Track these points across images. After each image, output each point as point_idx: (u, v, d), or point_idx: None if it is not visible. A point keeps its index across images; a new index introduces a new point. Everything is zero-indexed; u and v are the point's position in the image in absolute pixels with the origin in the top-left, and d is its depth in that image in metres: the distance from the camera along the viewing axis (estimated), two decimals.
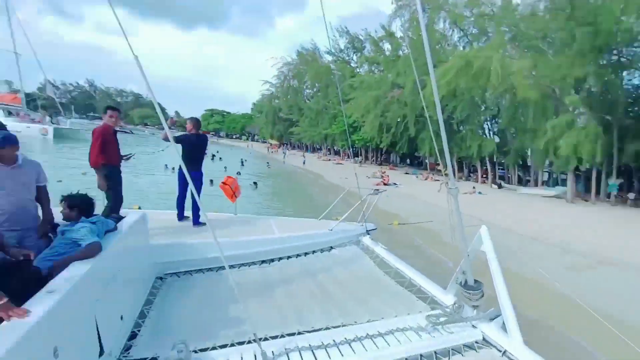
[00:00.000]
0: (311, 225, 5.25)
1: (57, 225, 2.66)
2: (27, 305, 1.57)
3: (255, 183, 19.34)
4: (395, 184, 22.53)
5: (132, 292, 2.85)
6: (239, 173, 21.16)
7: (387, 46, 36.31)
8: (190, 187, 2.38)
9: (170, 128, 2.63)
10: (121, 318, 2.44)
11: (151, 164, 22.01)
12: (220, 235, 3.95)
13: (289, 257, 4.26)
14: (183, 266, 3.65)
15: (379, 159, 40.41)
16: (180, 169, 4.32)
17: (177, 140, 4.47)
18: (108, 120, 4.09)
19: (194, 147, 4.72)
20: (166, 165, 21.05)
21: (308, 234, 4.71)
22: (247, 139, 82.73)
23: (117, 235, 2.64)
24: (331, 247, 4.69)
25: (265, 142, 67.07)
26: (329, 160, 42.70)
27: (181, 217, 4.80)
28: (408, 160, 40.62)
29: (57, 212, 2.74)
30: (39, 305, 1.59)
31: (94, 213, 2.67)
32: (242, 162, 31.02)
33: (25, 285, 1.74)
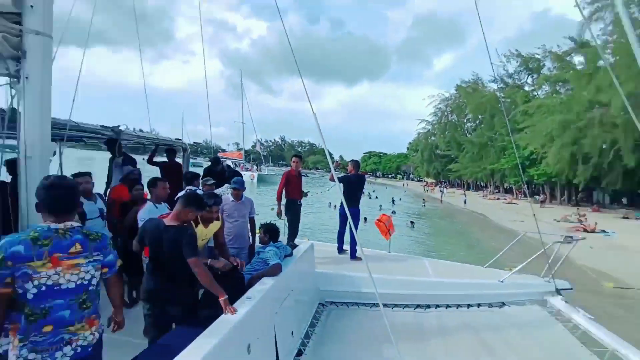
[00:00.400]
0: (473, 272, 4.55)
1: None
2: (235, 305, 2.11)
3: (412, 222, 18.77)
4: (605, 231, 16.39)
5: (301, 313, 3.27)
6: (393, 212, 21.21)
7: (578, 59, 28.95)
8: (350, 222, 2.62)
9: (335, 170, 3.07)
10: (292, 334, 2.83)
11: (319, 202, 25.44)
12: (374, 271, 4.03)
13: (447, 306, 3.80)
14: (341, 297, 3.91)
15: (573, 198, 30.88)
16: (341, 205, 4.82)
17: (340, 180, 5.00)
18: (293, 165, 5.14)
19: (353, 185, 5.19)
20: (329, 203, 23.82)
21: (472, 282, 4.09)
22: (402, 178, 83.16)
23: (292, 260, 3.17)
24: (502, 303, 3.86)
25: (421, 180, 65.18)
26: (497, 199, 36.49)
27: (340, 249, 5.24)
28: (625, 200, 28.85)
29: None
30: (242, 307, 2.10)
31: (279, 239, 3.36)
32: (392, 200, 31.01)
33: (234, 288, 2.33)
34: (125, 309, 2.71)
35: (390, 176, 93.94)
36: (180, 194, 3.09)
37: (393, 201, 30.93)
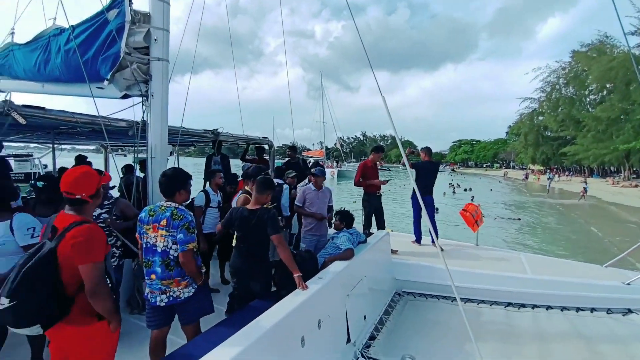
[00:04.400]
0: (588, 271, 3.83)
1: None
2: (308, 283, 2.32)
3: (518, 219, 16.39)
4: None
5: (375, 299, 3.34)
6: (472, 198, 18.94)
7: None
8: (424, 212, 2.55)
9: (407, 156, 3.01)
10: (364, 318, 2.93)
11: (405, 192, 24.66)
12: (458, 265, 3.79)
13: (549, 308, 3.32)
14: (419, 288, 3.81)
15: None
16: (413, 194, 4.66)
17: (412, 166, 4.95)
18: (371, 157, 5.09)
19: (426, 173, 5.00)
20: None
21: (584, 282, 3.47)
22: (500, 167, 73.30)
23: (366, 247, 3.25)
24: (628, 310, 3.17)
25: (524, 168, 56.23)
26: (635, 186, 28.85)
27: (418, 239, 5.06)
28: None
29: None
30: (313, 285, 2.30)
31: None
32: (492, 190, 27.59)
33: (307, 268, 2.55)
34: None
35: (485, 165, 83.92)
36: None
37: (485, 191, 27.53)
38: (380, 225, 4.80)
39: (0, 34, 4.99)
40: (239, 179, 4.43)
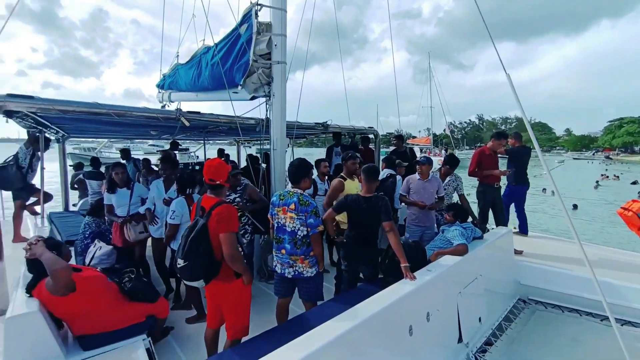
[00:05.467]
0: None
1: None
2: (416, 274, 2.29)
3: None
4: None
5: (492, 302, 3.01)
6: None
7: None
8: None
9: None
10: (479, 320, 2.68)
11: (533, 186, 20.71)
12: (610, 276, 3.04)
13: None
14: (553, 298, 3.23)
15: None
16: (508, 184, 4.07)
17: (505, 152, 4.57)
18: (490, 144, 4.54)
19: (520, 159, 4.54)
20: (544, 189, 18.96)
21: None
22: None
23: (482, 244, 2.95)
24: None
25: None
26: None
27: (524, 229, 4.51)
28: None
29: None
30: (421, 276, 2.25)
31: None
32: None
33: (415, 259, 2.51)
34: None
35: None
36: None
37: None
38: (500, 221, 4.24)
39: (169, 58, 6.51)
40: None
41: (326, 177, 4.32)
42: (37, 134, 4.19)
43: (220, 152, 7.19)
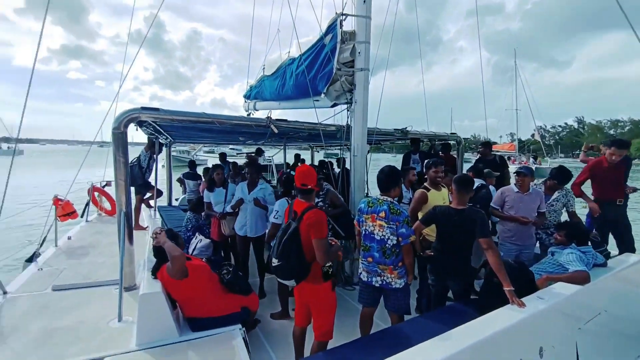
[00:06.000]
0: None
1: None
2: (525, 301, 2.01)
3: None
4: None
5: (620, 345, 2.49)
6: None
7: None
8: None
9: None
10: None
11: None
12: None
13: None
14: None
15: None
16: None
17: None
18: (608, 155, 3.72)
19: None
20: None
21: None
22: None
23: (607, 273, 2.47)
24: None
25: None
26: None
27: None
28: None
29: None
30: (532, 304, 1.97)
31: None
32: None
33: (518, 282, 2.22)
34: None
35: None
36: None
37: None
38: (627, 246, 3.50)
39: (249, 70, 7.10)
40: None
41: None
42: (154, 140, 4.98)
43: (297, 156, 7.55)
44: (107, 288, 3.02)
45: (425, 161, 3.48)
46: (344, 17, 3.94)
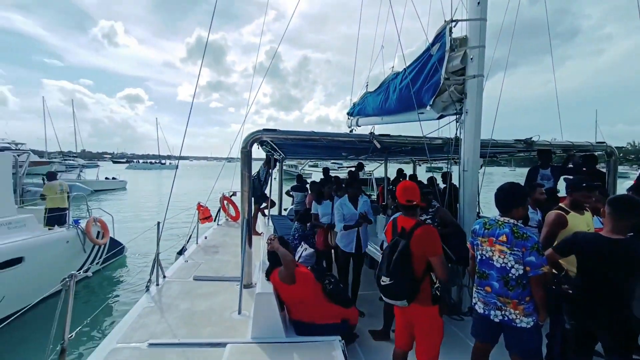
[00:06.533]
0: None
1: None
2: None
3: None
4: None
5: None
6: None
7: None
8: None
9: None
10: None
11: None
12: None
13: None
14: None
15: None
16: None
17: None
18: None
19: None
20: None
21: None
22: None
23: None
24: None
25: None
26: None
27: None
28: None
29: None
30: None
31: None
32: None
33: None
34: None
35: None
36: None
37: None
38: None
39: (352, 88, 7.35)
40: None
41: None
42: (270, 156, 5.69)
43: (400, 171, 7.35)
44: (230, 283, 3.55)
45: (571, 180, 2.83)
46: (453, 23, 3.72)
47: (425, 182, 5.56)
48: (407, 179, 6.45)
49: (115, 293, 6.48)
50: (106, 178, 26.58)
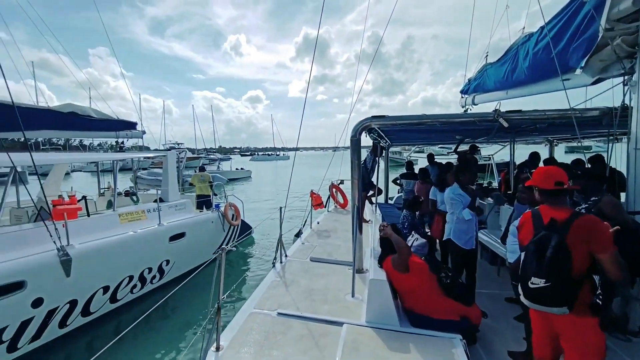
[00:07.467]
0: None
1: None
2: None
3: None
4: None
5: None
6: None
7: None
8: None
9: None
10: None
11: None
12: None
13: None
14: None
15: None
16: None
17: None
18: None
19: None
20: None
21: None
22: None
23: None
24: None
25: None
26: None
27: None
28: None
29: None
30: None
31: None
32: None
33: None
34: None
35: None
36: None
37: None
38: None
39: (463, 62, 6.42)
40: None
41: None
42: (377, 144, 5.62)
43: (535, 155, 5.99)
44: (342, 267, 3.72)
45: None
46: None
47: (571, 166, 4.48)
48: (543, 164, 5.35)
49: (247, 267, 7.72)
50: (237, 169, 31.85)
